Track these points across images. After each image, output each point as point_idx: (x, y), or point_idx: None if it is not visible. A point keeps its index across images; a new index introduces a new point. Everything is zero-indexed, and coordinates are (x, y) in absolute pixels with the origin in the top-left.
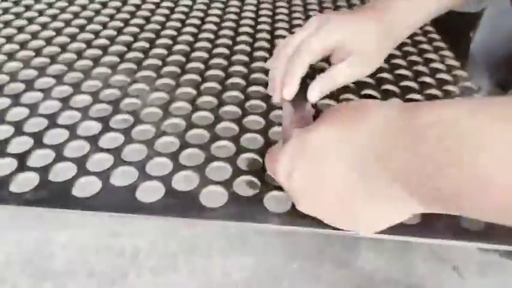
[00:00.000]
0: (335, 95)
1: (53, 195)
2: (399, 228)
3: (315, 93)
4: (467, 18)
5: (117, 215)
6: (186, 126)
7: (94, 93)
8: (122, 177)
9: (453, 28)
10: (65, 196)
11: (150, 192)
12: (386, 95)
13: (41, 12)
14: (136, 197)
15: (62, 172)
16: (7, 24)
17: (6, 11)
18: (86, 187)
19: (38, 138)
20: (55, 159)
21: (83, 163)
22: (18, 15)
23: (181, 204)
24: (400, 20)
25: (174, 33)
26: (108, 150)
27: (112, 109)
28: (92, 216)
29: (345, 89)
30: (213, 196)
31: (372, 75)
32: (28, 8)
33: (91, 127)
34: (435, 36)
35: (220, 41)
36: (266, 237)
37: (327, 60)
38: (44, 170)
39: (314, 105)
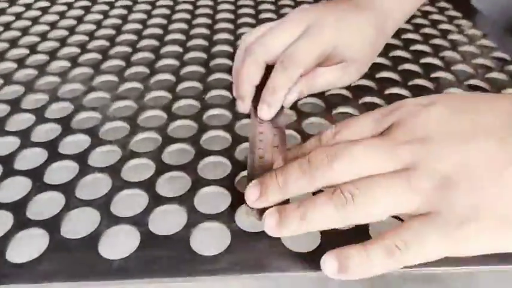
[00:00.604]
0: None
1: None
2: None
3: (292, 97)
4: None
5: (74, 284)
6: (163, 141)
7: (38, 110)
8: (78, 223)
9: None
10: None
11: (120, 242)
12: (407, 76)
13: None
14: (99, 252)
15: None
16: None
17: None
18: (26, 246)
19: None
20: None
21: (21, 210)
22: None
23: (166, 257)
24: (392, 16)
25: (140, 26)
26: (57, 187)
27: (62, 129)
28: None
29: None
30: (210, 237)
31: (385, 54)
32: None
33: (33, 156)
34: (445, 5)
35: (195, 31)
36: None
37: None
38: None
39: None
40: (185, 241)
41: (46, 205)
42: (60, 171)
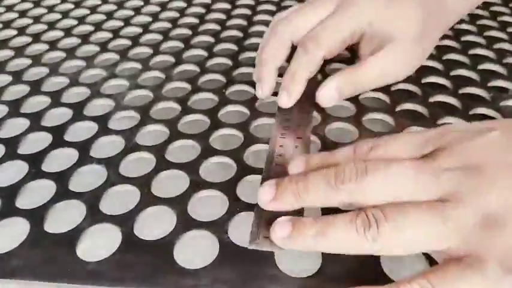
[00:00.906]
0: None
1: None
2: None
3: (330, 98)
4: None
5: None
6: (170, 135)
7: (55, 94)
8: (62, 217)
9: None
10: None
11: (100, 242)
12: (460, 82)
13: None
14: (75, 251)
15: None
16: None
17: None
18: (5, 237)
19: None
20: None
21: (10, 197)
22: None
23: (143, 265)
24: (450, 2)
25: (176, 14)
26: (51, 175)
27: (73, 114)
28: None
29: None
30: (197, 247)
31: (437, 57)
32: None
33: (38, 141)
34: None
35: (231, 22)
36: None
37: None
38: None
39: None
40: (168, 249)
41: (36, 194)
42: (60, 159)
